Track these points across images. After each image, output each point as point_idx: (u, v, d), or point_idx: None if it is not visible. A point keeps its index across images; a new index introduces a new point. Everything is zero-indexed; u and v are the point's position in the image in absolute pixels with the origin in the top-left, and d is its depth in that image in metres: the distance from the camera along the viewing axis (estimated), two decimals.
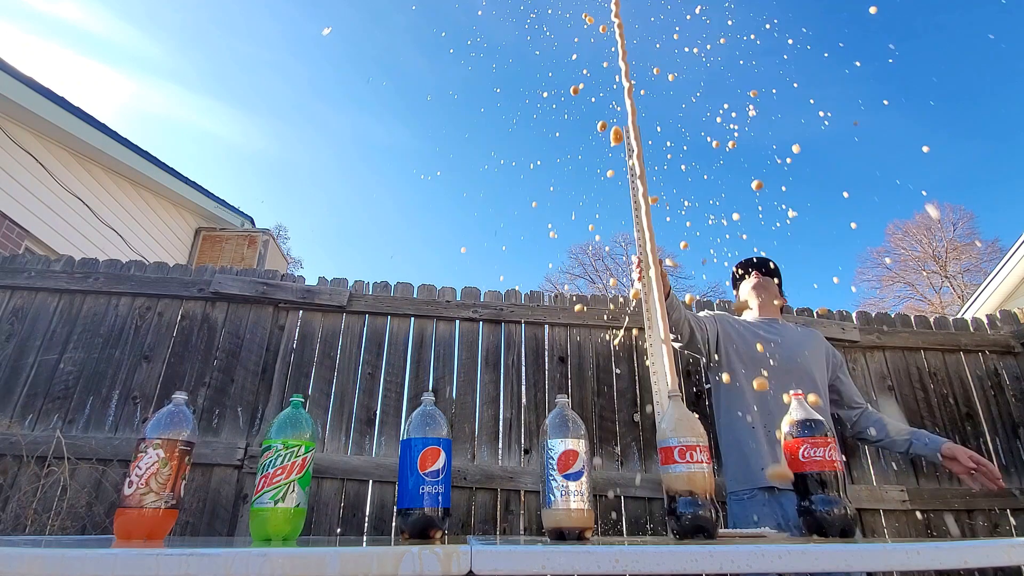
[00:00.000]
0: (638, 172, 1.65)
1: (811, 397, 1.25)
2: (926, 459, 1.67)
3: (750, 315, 2.03)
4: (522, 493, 2.10)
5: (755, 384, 1.59)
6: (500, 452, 2.17)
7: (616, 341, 2.37)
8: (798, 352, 1.81)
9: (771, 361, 1.78)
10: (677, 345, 1.83)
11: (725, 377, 1.78)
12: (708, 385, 2.28)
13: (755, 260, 2.08)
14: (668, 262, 1.62)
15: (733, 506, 1.70)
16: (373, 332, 2.34)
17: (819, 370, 1.82)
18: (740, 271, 2.10)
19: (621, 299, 2.50)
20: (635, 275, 1.64)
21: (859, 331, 2.48)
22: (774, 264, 2.08)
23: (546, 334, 2.41)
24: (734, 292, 2.19)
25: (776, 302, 2.01)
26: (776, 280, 2.06)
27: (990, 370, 2.51)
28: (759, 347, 1.81)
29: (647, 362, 1.60)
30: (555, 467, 0.95)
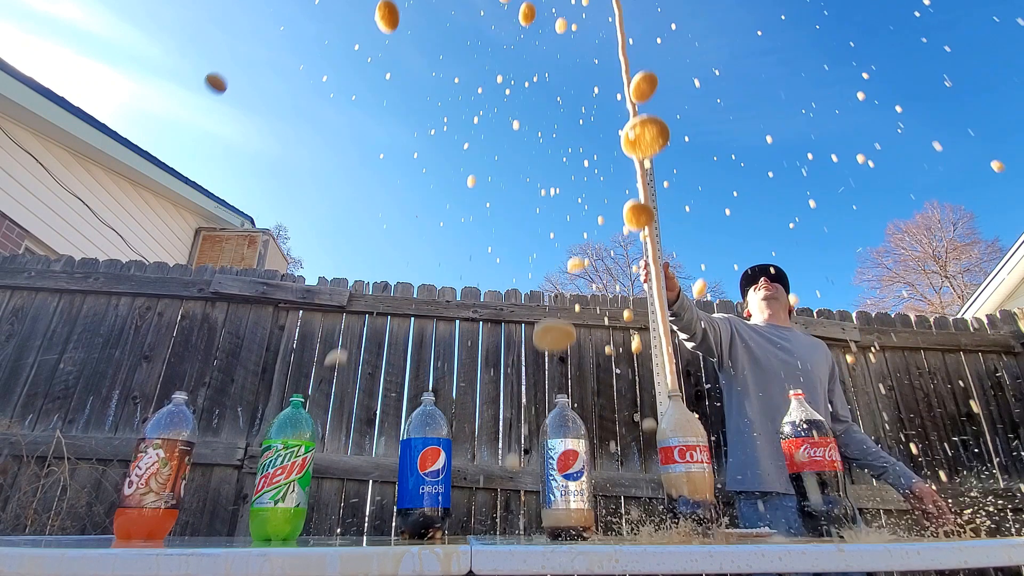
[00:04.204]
0: (639, 176, 1.64)
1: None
2: (897, 489, 1.72)
3: (759, 319, 2.04)
4: (522, 493, 2.10)
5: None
6: (500, 452, 2.17)
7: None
8: (806, 360, 1.84)
9: (780, 366, 1.80)
10: (690, 345, 1.84)
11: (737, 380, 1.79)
12: (719, 384, 2.28)
13: (763, 267, 2.08)
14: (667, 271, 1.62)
15: (744, 507, 1.71)
16: (373, 332, 2.34)
17: (822, 380, 1.85)
18: (748, 278, 2.11)
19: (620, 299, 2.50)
20: (643, 276, 1.64)
21: (859, 331, 2.48)
22: (781, 269, 2.08)
23: None
24: (742, 296, 2.19)
25: (785, 311, 2.02)
26: (784, 285, 2.06)
27: (990, 370, 2.51)
28: (772, 352, 1.84)
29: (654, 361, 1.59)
30: (555, 467, 0.95)
